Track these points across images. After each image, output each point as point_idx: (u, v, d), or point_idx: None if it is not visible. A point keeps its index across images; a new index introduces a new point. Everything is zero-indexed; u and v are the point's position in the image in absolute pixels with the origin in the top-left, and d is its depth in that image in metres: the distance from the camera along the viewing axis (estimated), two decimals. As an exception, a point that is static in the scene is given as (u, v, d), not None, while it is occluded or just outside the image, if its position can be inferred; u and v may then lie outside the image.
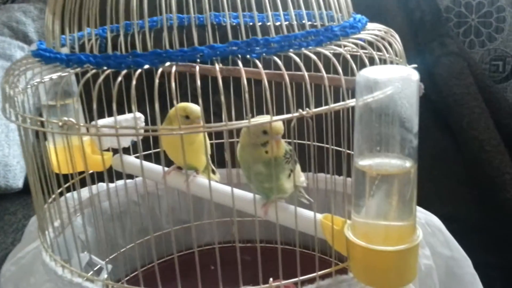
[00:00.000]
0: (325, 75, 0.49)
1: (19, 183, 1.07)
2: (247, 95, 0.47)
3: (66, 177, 0.74)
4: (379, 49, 0.55)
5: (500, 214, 0.92)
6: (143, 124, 0.90)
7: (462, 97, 0.95)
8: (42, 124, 0.55)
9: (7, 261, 0.74)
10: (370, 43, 0.55)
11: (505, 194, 0.91)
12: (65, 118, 0.49)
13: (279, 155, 0.63)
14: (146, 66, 0.48)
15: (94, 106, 0.49)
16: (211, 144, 0.86)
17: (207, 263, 0.60)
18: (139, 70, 0.48)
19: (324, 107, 0.48)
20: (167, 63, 0.48)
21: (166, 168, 0.80)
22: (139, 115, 0.89)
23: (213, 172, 0.87)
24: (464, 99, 0.95)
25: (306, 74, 0.49)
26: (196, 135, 0.75)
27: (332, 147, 0.54)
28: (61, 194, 0.72)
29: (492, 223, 0.93)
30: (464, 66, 0.98)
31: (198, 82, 0.46)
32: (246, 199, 0.69)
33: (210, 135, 0.88)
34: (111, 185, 0.90)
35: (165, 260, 0.91)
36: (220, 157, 0.91)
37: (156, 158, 0.90)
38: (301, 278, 0.53)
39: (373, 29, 0.60)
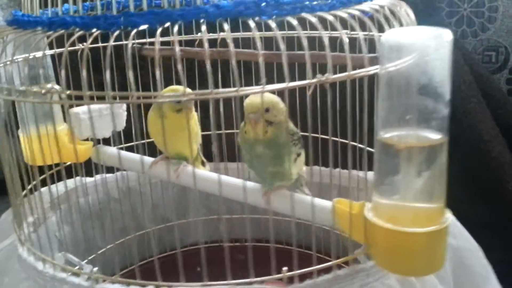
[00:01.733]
0: (345, 38, 0.44)
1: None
2: (234, 61, 0.41)
3: (41, 169, 0.68)
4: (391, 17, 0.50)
5: (501, 206, 0.89)
6: (125, 112, 0.83)
7: (459, 86, 0.92)
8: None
9: (-25, 260, 0.66)
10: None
11: (505, 184, 0.88)
12: (49, 85, 0.42)
13: (265, 136, 0.57)
14: (143, 27, 0.42)
15: (84, 73, 0.42)
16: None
17: (193, 264, 0.52)
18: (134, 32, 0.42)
19: (343, 74, 0.43)
20: (167, 24, 0.43)
21: (151, 159, 0.74)
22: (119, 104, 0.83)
23: (203, 163, 0.81)
24: (460, 88, 0.92)
25: (306, 53, 0.43)
26: (187, 122, 0.69)
27: (337, 139, 0.49)
28: (37, 187, 0.65)
29: (493, 216, 0.90)
30: (459, 55, 0.95)
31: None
32: (245, 188, 0.63)
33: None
34: (90, 179, 0.83)
35: (147, 261, 0.84)
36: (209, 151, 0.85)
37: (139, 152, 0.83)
38: (318, 267, 0.47)
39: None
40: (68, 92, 0.42)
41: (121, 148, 0.80)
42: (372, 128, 0.45)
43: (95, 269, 0.48)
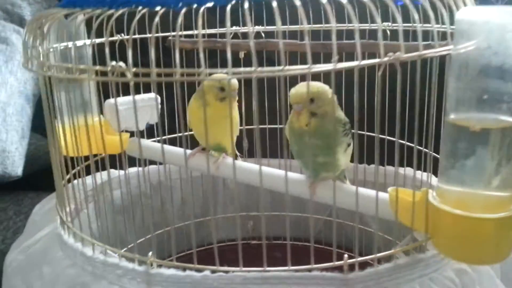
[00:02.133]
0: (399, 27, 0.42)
1: (18, 170, 0.98)
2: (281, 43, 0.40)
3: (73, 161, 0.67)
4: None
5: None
6: (159, 105, 0.82)
7: None
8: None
9: (12, 251, 0.65)
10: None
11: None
12: (114, 63, 0.41)
13: (309, 127, 0.56)
14: (209, 4, 0.42)
15: (129, 52, 0.41)
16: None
17: (221, 261, 0.49)
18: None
19: (414, 53, 0.42)
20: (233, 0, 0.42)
21: (188, 151, 0.73)
22: (154, 95, 0.82)
23: (236, 158, 0.80)
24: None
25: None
26: (231, 111, 0.67)
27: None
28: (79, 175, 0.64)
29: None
30: None
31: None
32: (289, 179, 0.61)
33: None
34: (118, 173, 0.82)
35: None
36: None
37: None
38: (379, 255, 0.46)
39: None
40: (134, 69, 0.41)
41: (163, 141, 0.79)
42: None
43: (150, 253, 0.47)
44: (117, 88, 0.47)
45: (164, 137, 0.79)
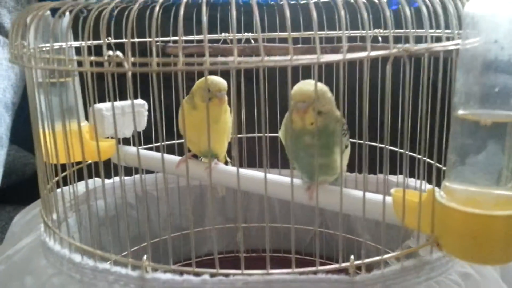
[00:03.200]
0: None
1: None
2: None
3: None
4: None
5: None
6: (146, 112, 0.80)
7: None
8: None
9: (-9, 261, 0.61)
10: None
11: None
12: (111, 52, 0.39)
13: (313, 126, 0.54)
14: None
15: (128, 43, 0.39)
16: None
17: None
18: None
19: (422, 45, 0.41)
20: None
21: (177, 157, 0.71)
22: (142, 102, 0.79)
23: (226, 164, 0.77)
24: None
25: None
26: (221, 113, 0.65)
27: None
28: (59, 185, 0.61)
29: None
30: None
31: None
32: (283, 183, 0.60)
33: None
34: (107, 181, 0.79)
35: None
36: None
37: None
38: (385, 256, 0.44)
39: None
40: (133, 59, 0.39)
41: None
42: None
43: (145, 257, 0.44)
44: (113, 82, 0.44)
45: (163, 143, 0.76)
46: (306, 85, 0.54)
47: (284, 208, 0.90)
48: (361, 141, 0.59)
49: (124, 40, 0.70)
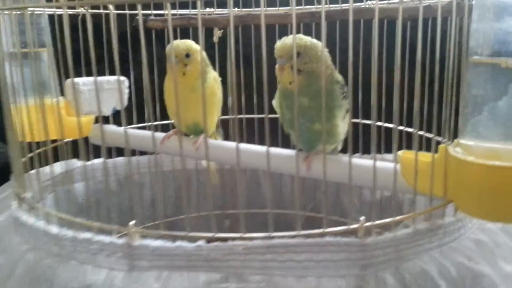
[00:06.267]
0: None
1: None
2: None
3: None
4: None
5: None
6: (127, 89, 0.75)
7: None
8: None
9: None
10: None
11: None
12: None
13: (291, 86, 0.49)
14: None
15: None
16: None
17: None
18: None
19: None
20: None
21: (162, 134, 0.66)
22: (123, 78, 0.74)
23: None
24: None
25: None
26: (194, 81, 0.60)
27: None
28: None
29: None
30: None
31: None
32: (281, 155, 0.55)
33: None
34: (86, 163, 0.73)
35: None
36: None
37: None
38: (398, 218, 0.41)
39: None
40: None
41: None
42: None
43: (132, 222, 0.39)
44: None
45: (155, 123, 0.72)
46: (289, 39, 0.49)
47: (274, 192, 0.86)
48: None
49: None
